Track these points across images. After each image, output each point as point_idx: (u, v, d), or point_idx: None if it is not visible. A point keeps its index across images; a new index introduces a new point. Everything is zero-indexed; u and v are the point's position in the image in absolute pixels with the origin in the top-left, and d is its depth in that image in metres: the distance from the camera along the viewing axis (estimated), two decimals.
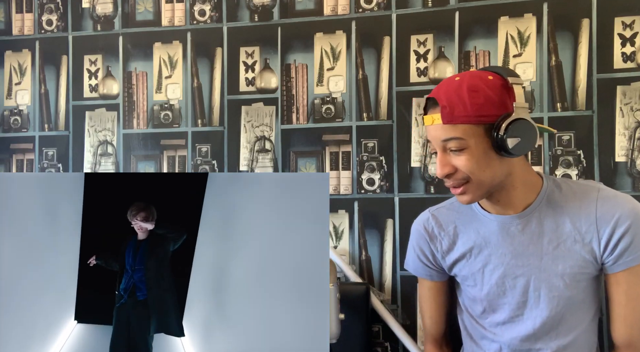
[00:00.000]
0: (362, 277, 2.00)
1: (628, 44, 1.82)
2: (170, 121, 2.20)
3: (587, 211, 1.21)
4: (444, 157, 1.18)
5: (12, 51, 2.36)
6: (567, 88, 1.86)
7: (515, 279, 1.26)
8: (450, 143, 1.16)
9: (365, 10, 2.03)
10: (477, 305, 1.33)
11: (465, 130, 1.14)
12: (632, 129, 1.82)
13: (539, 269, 1.24)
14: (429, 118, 1.19)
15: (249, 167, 2.13)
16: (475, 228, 1.31)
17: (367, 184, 2.02)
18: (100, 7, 2.28)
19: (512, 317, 1.28)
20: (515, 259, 1.25)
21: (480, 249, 1.30)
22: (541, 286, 1.24)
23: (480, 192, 1.20)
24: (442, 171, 1.18)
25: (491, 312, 1.31)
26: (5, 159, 2.36)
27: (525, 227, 1.24)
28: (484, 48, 1.93)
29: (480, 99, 1.14)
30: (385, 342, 1.99)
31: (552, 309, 1.24)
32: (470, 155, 1.16)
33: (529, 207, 1.23)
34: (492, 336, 1.31)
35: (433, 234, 1.36)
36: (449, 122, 1.15)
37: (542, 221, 1.23)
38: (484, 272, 1.29)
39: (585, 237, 1.21)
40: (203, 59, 2.18)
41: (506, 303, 1.28)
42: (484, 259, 1.29)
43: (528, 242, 1.24)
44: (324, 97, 2.07)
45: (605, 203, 1.20)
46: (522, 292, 1.26)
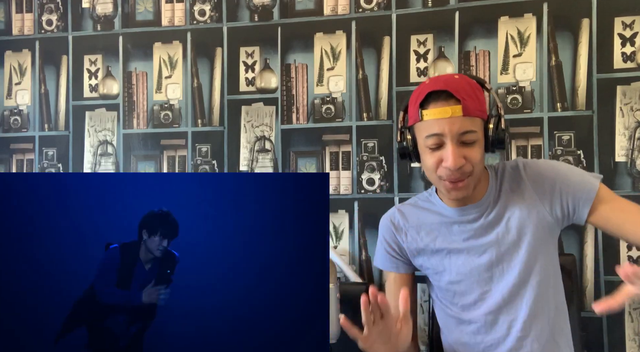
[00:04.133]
0: (362, 277, 2.00)
1: (628, 44, 1.82)
2: (170, 121, 2.20)
3: (522, 183, 1.31)
4: (458, 150, 1.22)
5: (12, 51, 2.36)
6: (567, 88, 1.86)
7: (479, 257, 1.32)
8: (467, 135, 1.21)
9: (365, 10, 2.03)
10: (448, 292, 1.38)
11: (477, 124, 1.22)
12: (632, 129, 1.82)
13: (499, 244, 1.31)
14: (446, 110, 1.20)
15: (249, 167, 2.13)
16: (437, 220, 1.38)
17: (367, 184, 2.02)
18: (100, 7, 2.28)
19: (481, 294, 1.34)
20: (476, 240, 1.32)
21: (443, 237, 1.36)
22: (503, 259, 1.31)
23: (473, 186, 1.27)
24: (457, 162, 1.21)
25: (461, 296, 1.36)
26: (5, 159, 2.36)
27: (482, 214, 1.32)
28: (484, 48, 1.93)
29: (481, 96, 1.24)
30: None
31: (515, 277, 1.30)
32: (479, 147, 1.24)
33: (485, 196, 1.32)
34: (468, 318, 1.36)
35: (399, 225, 1.42)
36: (468, 115, 1.20)
37: (493, 205, 1.32)
38: (450, 257, 1.36)
39: (530, 204, 1.29)
40: (203, 59, 2.18)
41: (474, 282, 1.34)
42: (448, 245, 1.36)
43: (486, 226, 1.32)
44: (324, 97, 2.07)
45: (530, 169, 1.31)
46: (487, 269, 1.32)
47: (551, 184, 1.28)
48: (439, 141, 1.22)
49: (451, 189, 1.26)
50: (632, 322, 1.80)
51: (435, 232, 1.38)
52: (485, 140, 1.25)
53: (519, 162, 1.34)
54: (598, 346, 1.79)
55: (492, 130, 1.24)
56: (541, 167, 1.31)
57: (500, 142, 1.25)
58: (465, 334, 1.37)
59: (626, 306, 1.80)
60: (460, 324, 1.38)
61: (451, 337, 1.41)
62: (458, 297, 1.37)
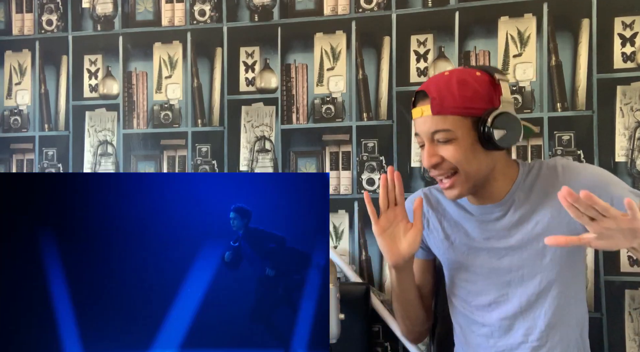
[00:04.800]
0: (362, 277, 2.00)
1: (628, 44, 1.82)
2: (170, 121, 2.20)
3: (557, 187, 1.22)
4: (431, 148, 1.22)
5: (12, 51, 2.36)
6: (567, 88, 1.86)
7: (499, 261, 1.29)
8: (439, 134, 1.21)
9: (365, 10, 2.03)
10: (462, 289, 1.36)
11: (454, 122, 1.19)
12: (632, 129, 1.82)
13: (521, 249, 1.27)
14: (418, 110, 1.24)
15: (249, 167, 2.13)
16: (461, 214, 1.35)
17: (367, 184, 2.02)
18: (100, 7, 2.28)
19: (497, 297, 1.31)
20: (498, 242, 1.29)
21: (464, 233, 1.34)
22: (524, 265, 1.27)
23: (468, 186, 1.24)
24: (429, 161, 1.22)
25: (476, 295, 1.33)
26: (5, 159, 2.36)
27: (504, 213, 1.29)
28: (484, 48, 1.93)
29: (468, 92, 1.19)
30: (385, 342, 1.99)
31: (536, 286, 1.27)
32: (458, 146, 1.20)
33: (507, 195, 1.28)
34: (482, 320, 1.33)
35: (423, 211, 1.39)
36: (438, 113, 1.19)
37: (519, 205, 1.28)
38: (468, 255, 1.33)
39: (562, 211, 1.20)
40: (203, 59, 2.18)
41: (490, 284, 1.31)
42: (468, 242, 1.33)
43: (509, 227, 1.28)
44: (324, 97, 2.07)
45: (569, 174, 1.25)
46: (506, 272, 1.29)
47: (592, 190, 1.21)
48: (420, 140, 1.25)
49: (442, 188, 1.27)
50: (632, 322, 1.80)
51: (458, 226, 1.35)
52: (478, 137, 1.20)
53: (557, 162, 1.28)
54: (598, 346, 1.79)
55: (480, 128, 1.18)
56: (582, 173, 1.24)
57: (487, 139, 1.18)
58: (477, 335, 1.35)
59: (626, 305, 1.80)
60: (472, 324, 1.35)
61: (463, 337, 1.39)
62: (472, 297, 1.34)
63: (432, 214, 1.39)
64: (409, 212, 1.41)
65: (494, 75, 1.22)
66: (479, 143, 1.20)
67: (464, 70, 1.25)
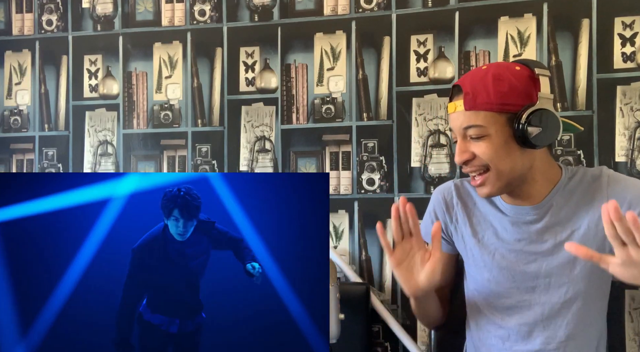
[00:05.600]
0: (362, 277, 2.00)
1: (628, 44, 1.82)
2: (170, 121, 2.20)
3: (599, 198, 1.21)
4: (463, 144, 1.19)
5: (12, 51, 2.36)
6: (567, 88, 1.86)
7: (527, 265, 1.25)
8: (471, 130, 1.18)
9: (365, 10, 2.03)
10: (483, 288, 1.32)
11: (487, 118, 1.16)
12: (632, 129, 1.82)
13: (552, 256, 1.23)
14: (452, 105, 1.21)
15: (249, 167, 2.13)
16: (492, 212, 1.30)
17: (367, 184, 2.02)
18: (100, 7, 2.28)
19: (519, 301, 1.27)
20: (529, 246, 1.25)
21: (494, 232, 1.29)
22: (552, 273, 1.23)
23: (500, 184, 1.20)
24: (460, 158, 1.19)
25: (497, 297, 1.30)
26: (5, 159, 2.36)
27: (541, 217, 1.24)
28: (484, 48, 1.93)
29: (504, 88, 1.15)
30: (385, 342, 1.99)
31: (561, 297, 1.23)
32: (490, 143, 1.16)
33: (545, 199, 1.23)
34: (500, 322, 1.30)
35: (451, 203, 1.35)
36: (470, 109, 1.16)
37: (557, 211, 1.24)
38: (495, 256, 1.28)
39: (599, 224, 1.17)
40: (203, 59, 2.18)
41: (514, 288, 1.27)
42: (496, 242, 1.28)
43: (543, 231, 1.24)
44: (324, 97, 2.07)
45: (615, 187, 1.20)
46: (532, 278, 1.25)
47: (635, 212, 1.15)
48: (454, 135, 1.23)
49: (474, 185, 1.23)
50: (632, 322, 1.80)
51: (487, 223, 1.30)
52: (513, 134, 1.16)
53: (603, 172, 1.24)
54: None
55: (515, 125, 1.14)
56: (629, 187, 1.20)
57: (522, 136, 1.14)
58: (493, 335, 1.31)
59: (626, 305, 1.80)
60: (489, 324, 1.32)
61: (477, 334, 1.36)
62: (493, 297, 1.30)
63: (461, 208, 1.34)
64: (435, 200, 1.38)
65: (534, 70, 1.18)
66: (513, 140, 1.16)
67: (502, 64, 1.23)
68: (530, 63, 1.21)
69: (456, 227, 1.35)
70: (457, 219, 1.35)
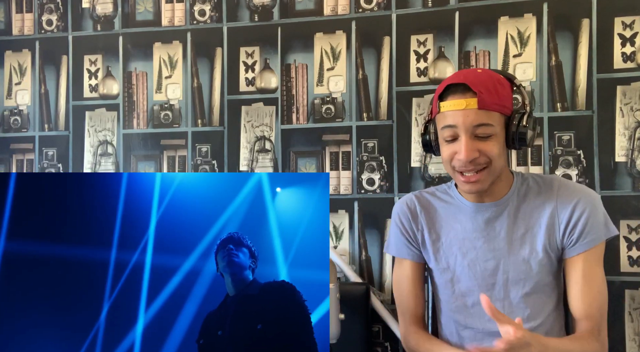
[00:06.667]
0: (362, 277, 2.00)
1: (628, 44, 1.82)
2: (170, 121, 2.20)
3: (549, 200, 1.29)
4: (472, 142, 1.22)
5: (12, 51, 2.36)
6: (567, 88, 1.86)
7: (486, 262, 1.32)
8: (481, 129, 1.21)
9: (365, 10, 2.03)
10: (448, 289, 1.37)
11: (495, 118, 1.21)
12: (632, 129, 1.82)
13: (508, 253, 1.30)
14: (461, 102, 1.22)
15: (249, 167, 2.13)
16: (453, 214, 1.36)
17: (367, 184, 2.02)
18: (100, 7, 2.28)
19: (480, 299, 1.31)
20: (487, 244, 1.32)
21: (456, 233, 1.35)
22: (509, 269, 1.30)
23: (490, 181, 1.26)
24: (470, 155, 1.21)
25: (461, 296, 1.35)
26: (5, 159, 2.36)
27: (499, 215, 1.31)
28: (484, 48, 1.93)
29: (504, 92, 1.23)
30: (385, 342, 1.99)
31: (519, 291, 1.30)
32: (496, 141, 1.22)
33: (504, 197, 1.31)
34: (464, 322, 1.35)
35: (415, 212, 1.40)
36: (484, 108, 1.20)
37: (513, 210, 1.31)
38: (457, 256, 1.34)
39: (549, 222, 1.28)
40: (203, 59, 2.18)
41: (475, 285, 1.33)
42: (458, 242, 1.35)
43: (500, 228, 1.31)
44: (324, 97, 2.07)
45: (564, 191, 1.29)
46: (491, 275, 1.31)
47: (577, 214, 1.26)
48: (454, 133, 1.23)
49: (464, 182, 1.26)
50: (632, 322, 1.80)
51: (449, 227, 1.36)
52: (506, 136, 1.23)
53: (555, 180, 1.32)
54: None
55: (514, 126, 1.22)
56: (576, 194, 1.28)
57: (520, 139, 1.22)
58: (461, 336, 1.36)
59: (626, 306, 1.80)
60: (455, 324, 1.37)
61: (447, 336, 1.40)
62: (457, 297, 1.36)
63: (424, 215, 1.40)
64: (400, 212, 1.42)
65: (513, 80, 1.28)
66: (505, 141, 1.25)
67: (490, 70, 1.29)
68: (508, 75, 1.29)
69: (422, 234, 1.40)
70: (422, 227, 1.40)
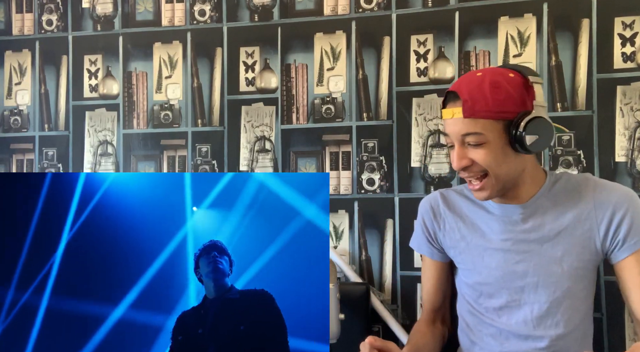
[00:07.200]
0: (362, 277, 2.00)
1: (628, 44, 1.82)
2: (170, 121, 2.20)
3: (585, 200, 1.26)
4: (461, 150, 1.21)
5: (12, 51, 2.36)
6: (567, 88, 1.86)
7: (515, 265, 1.29)
8: (470, 137, 1.19)
9: (365, 10, 2.03)
10: (474, 290, 1.35)
11: (485, 125, 1.17)
12: (632, 129, 1.82)
13: (539, 256, 1.27)
14: (449, 112, 1.21)
15: (249, 167, 2.13)
16: (479, 214, 1.34)
17: (367, 184, 2.02)
18: (100, 7, 2.28)
19: (509, 302, 1.30)
20: (516, 245, 1.28)
21: (481, 235, 1.33)
22: (540, 273, 1.27)
23: (498, 188, 1.23)
24: (459, 164, 1.21)
25: (488, 298, 1.33)
26: (5, 159, 2.36)
27: (528, 217, 1.28)
28: (484, 48, 1.93)
29: (501, 95, 1.17)
30: None
31: (550, 296, 1.26)
32: (489, 149, 1.19)
33: (532, 199, 1.27)
34: (490, 322, 1.33)
35: (438, 211, 1.39)
36: (469, 116, 1.17)
37: (543, 211, 1.27)
38: (484, 257, 1.32)
39: (585, 225, 1.24)
40: (203, 59, 2.18)
41: (504, 288, 1.30)
42: (484, 243, 1.32)
43: (530, 230, 1.28)
44: (324, 97, 2.07)
45: (601, 191, 1.26)
46: (521, 277, 1.28)
47: (619, 215, 1.23)
48: (450, 141, 1.23)
49: (472, 189, 1.25)
50: (632, 322, 1.80)
51: (474, 227, 1.34)
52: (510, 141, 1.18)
53: (590, 179, 1.28)
54: (598, 346, 1.79)
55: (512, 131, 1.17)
56: (614, 193, 1.25)
57: (519, 144, 1.17)
58: (485, 335, 1.34)
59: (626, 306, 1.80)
60: (480, 324, 1.35)
61: (470, 334, 1.38)
62: (484, 298, 1.33)
63: (449, 215, 1.38)
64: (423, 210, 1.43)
65: (527, 78, 1.21)
66: (509, 146, 1.19)
67: (497, 70, 1.23)
68: (523, 70, 1.23)
69: (444, 234, 1.39)
70: (445, 226, 1.38)
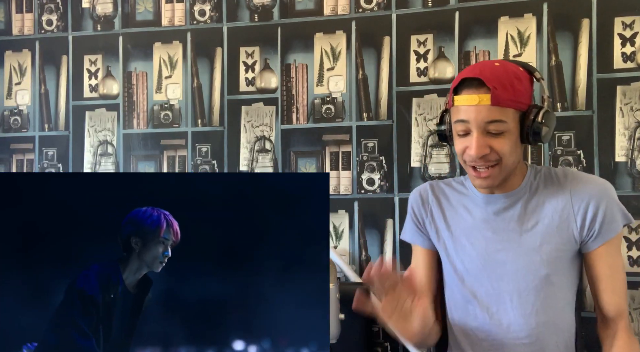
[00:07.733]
0: (362, 277, 2.00)
1: (628, 44, 1.82)
2: (170, 121, 2.20)
3: (563, 192, 1.29)
4: (482, 138, 1.21)
5: (12, 51, 2.36)
6: (567, 88, 1.86)
7: (496, 253, 1.31)
8: (493, 125, 1.20)
9: (365, 10, 2.03)
10: (458, 279, 1.37)
11: (508, 114, 1.20)
12: (632, 129, 1.82)
13: (518, 244, 1.29)
14: (474, 98, 1.20)
15: (249, 167, 2.13)
16: (464, 204, 1.37)
17: (367, 184, 2.02)
18: (100, 7, 2.28)
19: (489, 290, 1.33)
20: (497, 235, 1.31)
21: (466, 223, 1.35)
22: (519, 261, 1.29)
23: (502, 177, 1.25)
24: (480, 151, 1.21)
25: (470, 286, 1.35)
26: (5, 159, 2.36)
27: (509, 206, 1.31)
28: (484, 48, 1.93)
29: (521, 87, 1.21)
30: (385, 342, 1.99)
31: (529, 283, 1.29)
32: (508, 138, 1.21)
33: (516, 189, 1.30)
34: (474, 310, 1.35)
35: (426, 199, 1.42)
36: (496, 104, 1.18)
37: (524, 202, 1.30)
38: (466, 247, 1.34)
39: (562, 215, 1.28)
40: (203, 59, 2.18)
41: (484, 276, 1.32)
42: (468, 232, 1.35)
43: (510, 220, 1.31)
44: (324, 97, 2.07)
45: (578, 183, 1.29)
46: (501, 265, 1.31)
47: (594, 206, 1.25)
48: (466, 128, 1.22)
49: (475, 176, 1.26)
50: (632, 322, 1.80)
51: (460, 216, 1.36)
52: (521, 132, 1.22)
53: (568, 172, 1.32)
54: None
55: (529, 121, 1.21)
56: (590, 185, 1.28)
57: (534, 134, 1.21)
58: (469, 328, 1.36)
59: None
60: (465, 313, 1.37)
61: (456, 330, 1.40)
62: (466, 287, 1.35)
63: (436, 203, 1.41)
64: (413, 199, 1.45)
65: (534, 73, 1.26)
66: (519, 137, 1.23)
67: (509, 63, 1.26)
68: (529, 67, 1.27)
69: (431, 222, 1.41)
70: (432, 214, 1.41)
